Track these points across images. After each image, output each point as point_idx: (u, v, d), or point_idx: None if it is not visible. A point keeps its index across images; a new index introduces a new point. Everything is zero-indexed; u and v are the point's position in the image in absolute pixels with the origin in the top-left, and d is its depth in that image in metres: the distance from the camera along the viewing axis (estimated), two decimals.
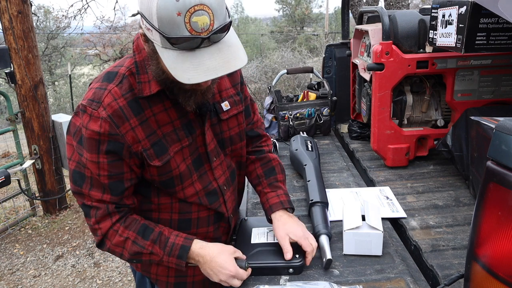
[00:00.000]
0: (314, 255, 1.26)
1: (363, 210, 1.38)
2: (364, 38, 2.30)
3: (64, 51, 13.47)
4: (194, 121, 1.17)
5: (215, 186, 1.25)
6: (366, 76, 2.12)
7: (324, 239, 1.31)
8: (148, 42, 0.98)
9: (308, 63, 8.54)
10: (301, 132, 2.49)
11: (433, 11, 1.63)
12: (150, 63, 1.04)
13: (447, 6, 1.50)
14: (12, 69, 3.64)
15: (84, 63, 15.91)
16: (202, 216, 1.25)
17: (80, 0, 11.75)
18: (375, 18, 2.38)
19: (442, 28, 1.55)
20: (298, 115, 2.51)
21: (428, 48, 1.88)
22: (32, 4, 4.48)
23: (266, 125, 2.66)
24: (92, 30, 12.77)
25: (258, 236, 1.36)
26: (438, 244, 1.38)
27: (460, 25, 1.42)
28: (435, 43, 1.64)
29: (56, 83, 13.59)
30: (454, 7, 1.44)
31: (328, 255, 1.23)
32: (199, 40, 0.91)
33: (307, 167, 1.82)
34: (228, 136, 1.27)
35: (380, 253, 1.30)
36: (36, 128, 3.82)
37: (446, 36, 1.53)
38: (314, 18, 23.25)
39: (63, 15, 11.03)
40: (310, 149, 2.02)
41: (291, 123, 2.51)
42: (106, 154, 1.06)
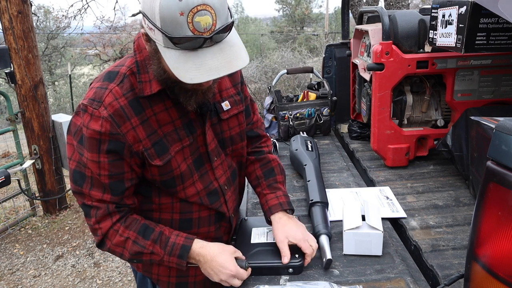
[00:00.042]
0: (314, 255, 1.26)
1: (363, 210, 1.38)
2: (364, 38, 2.30)
3: (64, 51, 13.46)
4: (195, 120, 1.17)
5: (216, 186, 1.24)
6: (366, 76, 2.12)
7: (324, 239, 1.31)
8: (150, 42, 0.98)
9: (308, 63, 8.53)
10: (301, 132, 2.49)
11: (433, 11, 1.63)
12: (151, 62, 1.04)
13: (447, 6, 1.50)
14: (12, 69, 3.64)
15: (84, 63, 15.90)
16: (203, 216, 1.25)
17: (80, 0, 11.76)
18: (375, 18, 2.38)
19: (442, 28, 1.55)
20: (298, 115, 2.52)
21: (427, 48, 1.88)
22: (32, 4, 4.48)
23: (266, 125, 2.66)
24: (92, 30, 12.76)
25: (258, 236, 1.36)
26: (438, 244, 1.38)
27: (460, 25, 1.42)
28: (435, 43, 1.64)
29: (56, 83, 13.58)
30: (454, 7, 1.44)
31: (328, 255, 1.23)
32: (202, 40, 0.91)
33: (307, 167, 1.82)
34: (229, 136, 1.27)
35: (380, 253, 1.30)
36: (36, 128, 3.82)
37: (446, 36, 1.53)
38: (314, 18, 23.25)
39: (63, 15, 11.05)
40: (310, 149, 2.02)
41: (291, 123, 2.51)
42: (107, 153, 1.06)
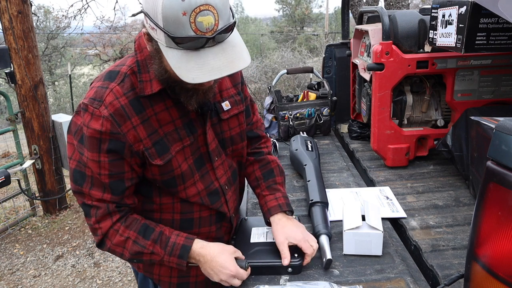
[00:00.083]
0: (314, 255, 1.25)
1: (363, 210, 1.38)
2: (364, 38, 2.30)
3: (64, 51, 13.46)
4: (196, 120, 1.17)
5: (217, 186, 1.24)
6: (366, 76, 2.12)
7: (324, 239, 1.31)
8: (152, 41, 0.98)
9: (308, 63, 8.53)
10: (301, 132, 2.49)
11: (433, 11, 1.63)
12: (152, 62, 1.04)
13: (447, 6, 1.50)
14: (12, 69, 3.64)
15: (84, 63, 15.89)
16: (204, 216, 1.25)
17: (80, 0, 11.76)
18: (375, 18, 2.38)
19: (442, 28, 1.55)
20: (298, 115, 2.51)
21: (427, 48, 1.88)
22: (32, 4, 4.48)
23: (266, 125, 2.65)
24: (92, 30, 12.76)
25: (258, 235, 1.36)
26: (438, 244, 1.38)
27: (460, 25, 1.42)
28: (435, 43, 1.64)
29: (56, 83, 13.58)
30: (454, 7, 1.44)
31: (328, 255, 1.23)
32: (204, 40, 0.91)
33: (307, 167, 1.82)
34: (229, 136, 1.26)
35: (380, 253, 1.30)
36: (36, 128, 3.82)
37: (446, 36, 1.53)
38: (314, 18, 23.24)
39: (63, 15, 11.04)
40: (310, 149, 2.02)
41: (291, 123, 2.51)
42: (107, 153, 1.06)
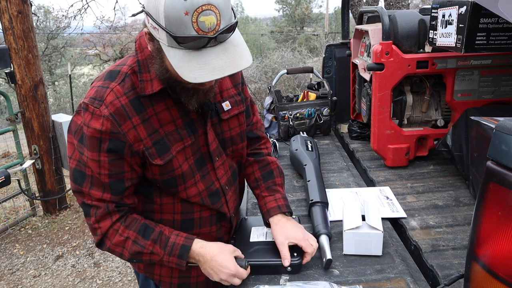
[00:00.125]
0: (314, 255, 1.25)
1: (363, 210, 1.38)
2: (364, 38, 2.30)
3: (64, 51, 13.46)
4: (196, 120, 1.17)
5: (218, 186, 1.24)
6: (366, 76, 2.12)
7: (324, 239, 1.31)
8: (153, 41, 0.98)
9: (308, 63, 8.53)
10: (301, 132, 2.49)
11: (433, 11, 1.63)
12: (153, 61, 1.04)
13: (447, 6, 1.50)
14: (12, 69, 3.64)
15: (84, 63, 15.89)
16: (204, 216, 1.25)
17: (80, 0, 11.76)
18: (375, 18, 2.38)
19: (442, 28, 1.55)
20: (298, 115, 2.51)
21: (427, 48, 1.88)
22: (32, 4, 4.48)
23: (266, 125, 2.65)
24: (92, 30, 12.75)
25: (257, 235, 1.36)
26: (438, 244, 1.38)
27: (460, 25, 1.42)
28: (435, 43, 1.64)
29: (56, 83, 13.58)
30: (454, 7, 1.44)
31: (328, 255, 1.23)
32: (206, 39, 0.91)
33: (307, 167, 1.82)
34: (229, 136, 1.26)
35: (380, 253, 1.30)
36: (36, 128, 3.82)
37: (446, 36, 1.53)
38: (314, 18, 23.23)
39: (63, 15, 11.03)
40: (310, 149, 2.02)
41: (291, 123, 2.51)
42: (107, 152, 1.06)
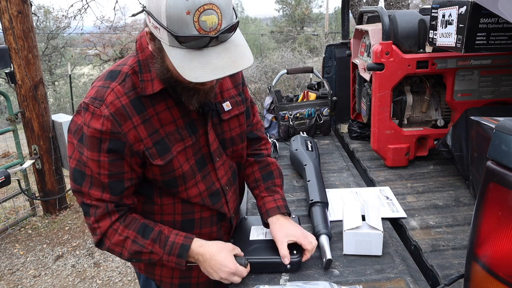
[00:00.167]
0: (314, 255, 1.25)
1: (363, 210, 1.38)
2: (364, 38, 2.30)
3: (64, 51, 13.46)
4: (197, 120, 1.17)
5: (218, 186, 1.24)
6: (366, 76, 2.12)
7: (324, 239, 1.31)
8: (154, 41, 0.98)
9: (308, 63, 8.53)
10: (301, 132, 2.49)
11: (433, 11, 1.63)
12: (154, 61, 1.04)
13: (447, 6, 1.50)
14: (12, 69, 3.64)
15: (84, 63, 15.89)
16: (205, 216, 1.25)
17: (80, 0, 11.76)
18: (375, 18, 2.38)
19: (442, 28, 1.55)
20: (298, 115, 2.51)
21: (427, 48, 1.88)
22: (32, 4, 4.48)
23: (266, 125, 2.65)
24: (92, 30, 12.75)
25: (257, 233, 1.36)
26: (438, 244, 1.38)
27: (460, 25, 1.42)
28: (435, 43, 1.64)
29: (56, 83, 13.58)
30: (454, 7, 1.44)
31: (328, 255, 1.23)
32: (207, 39, 0.91)
33: (307, 167, 1.82)
34: (229, 137, 1.26)
35: (380, 253, 1.30)
36: (36, 128, 3.82)
37: (446, 36, 1.53)
38: (314, 18, 23.23)
39: (63, 15, 11.04)
40: (310, 149, 2.02)
41: (291, 123, 2.51)
42: (107, 152, 1.05)
